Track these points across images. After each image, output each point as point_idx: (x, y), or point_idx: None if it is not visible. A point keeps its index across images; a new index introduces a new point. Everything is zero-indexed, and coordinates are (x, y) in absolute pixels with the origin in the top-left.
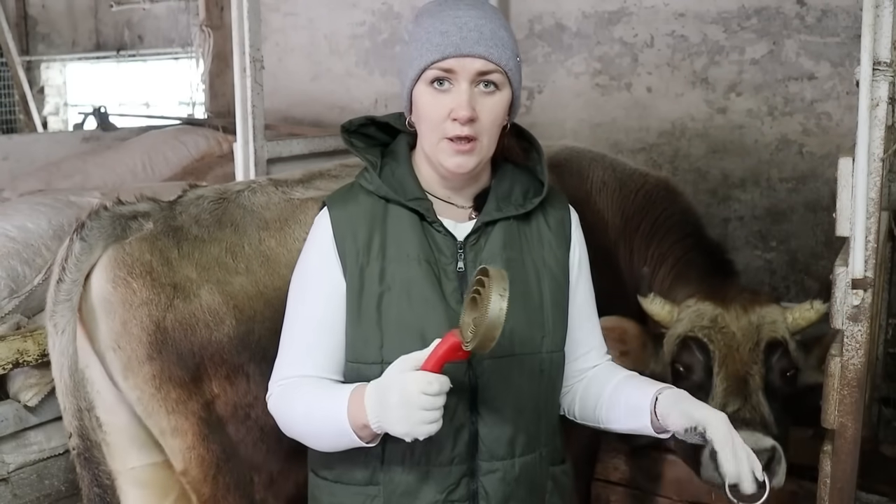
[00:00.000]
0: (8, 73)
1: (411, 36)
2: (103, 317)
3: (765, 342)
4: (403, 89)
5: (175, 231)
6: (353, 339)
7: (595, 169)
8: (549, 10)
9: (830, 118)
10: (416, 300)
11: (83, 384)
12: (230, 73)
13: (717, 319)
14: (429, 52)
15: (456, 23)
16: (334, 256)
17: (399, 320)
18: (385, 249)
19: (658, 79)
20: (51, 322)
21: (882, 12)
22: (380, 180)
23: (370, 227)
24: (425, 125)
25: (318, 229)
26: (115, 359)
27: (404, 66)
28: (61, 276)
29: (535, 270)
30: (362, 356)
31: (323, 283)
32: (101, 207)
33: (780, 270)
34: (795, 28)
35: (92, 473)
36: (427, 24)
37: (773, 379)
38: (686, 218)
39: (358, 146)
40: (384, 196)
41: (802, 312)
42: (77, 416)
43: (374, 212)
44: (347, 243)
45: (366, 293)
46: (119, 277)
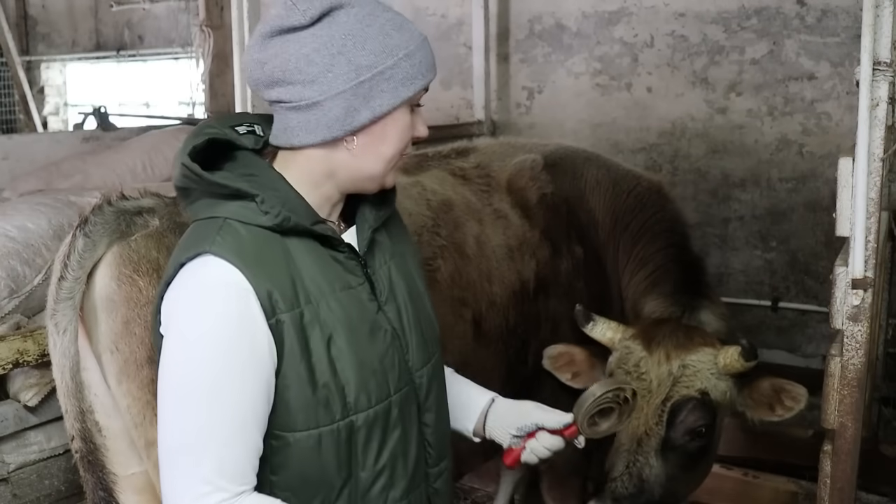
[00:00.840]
0: (8, 73)
1: (380, 45)
2: (104, 316)
3: (673, 399)
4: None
5: (181, 227)
6: (308, 406)
7: (589, 168)
8: (549, 10)
9: (830, 118)
10: (364, 334)
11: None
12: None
13: (639, 364)
14: (429, 71)
15: (426, 39)
16: (258, 319)
17: (359, 363)
18: (307, 290)
19: (658, 79)
20: (52, 321)
21: (882, 12)
22: (284, 209)
23: (284, 269)
24: (392, 148)
25: (223, 288)
26: (111, 361)
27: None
28: (63, 273)
29: (408, 270)
30: (323, 420)
31: (249, 355)
32: (105, 202)
33: (780, 270)
34: (795, 28)
35: (96, 477)
36: (405, 37)
37: (675, 437)
38: (674, 227)
39: (214, 179)
40: (285, 228)
41: (731, 362)
42: (79, 419)
43: (275, 249)
44: (275, 297)
45: (312, 348)
46: (124, 275)
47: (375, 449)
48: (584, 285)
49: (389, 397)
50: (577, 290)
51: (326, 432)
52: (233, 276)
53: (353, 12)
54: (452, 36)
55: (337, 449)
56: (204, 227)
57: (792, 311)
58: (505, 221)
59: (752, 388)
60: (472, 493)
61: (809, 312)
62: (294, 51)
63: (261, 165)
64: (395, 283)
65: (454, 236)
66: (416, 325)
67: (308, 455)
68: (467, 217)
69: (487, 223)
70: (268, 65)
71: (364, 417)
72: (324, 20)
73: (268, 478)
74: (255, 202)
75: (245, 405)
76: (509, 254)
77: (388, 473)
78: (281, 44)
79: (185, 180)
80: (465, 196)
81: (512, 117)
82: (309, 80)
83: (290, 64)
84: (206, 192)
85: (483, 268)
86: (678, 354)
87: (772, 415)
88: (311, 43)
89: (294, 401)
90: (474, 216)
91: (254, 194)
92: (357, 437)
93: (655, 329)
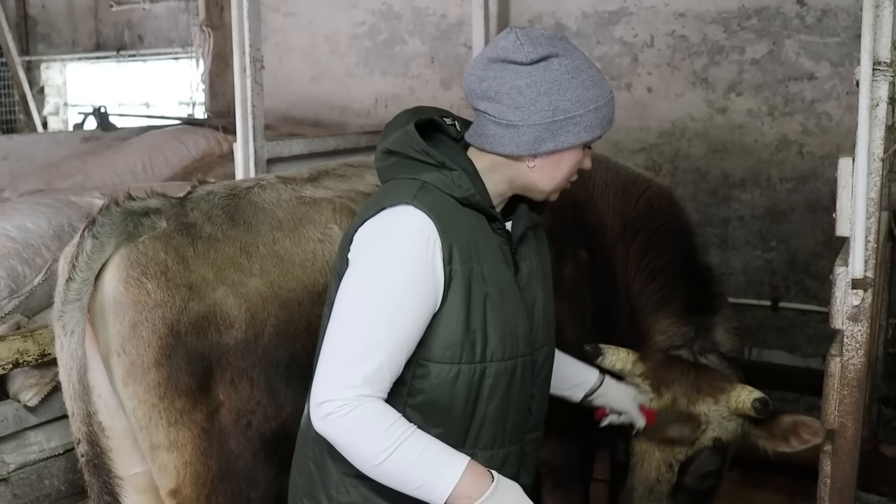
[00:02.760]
0: (8, 73)
1: (580, 96)
2: (112, 319)
3: (686, 450)
4: (555, 141)
5: (188, 228)
6: (457, 343)
7: (598, 171)
8: (549, 10)
9: (830, 118)
10: (511, 302)
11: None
12: (230, 73)
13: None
14: (607, 124)
15: (613, 95)
16: (438, 263)
17: (502, 321)
18: (479, 252)
19: (658, 79)
20: (59, 323)
21: (882, 12)
22: (472, 187)
23: (465, 230)
24: (562, 175)
25: (417, 233)
26: (117, 364)
27: (570, 125)
28: (71, 274)
29: (545, 271)
30: (465, 358)
31: (422, 290)
32: (112, 203)
33: (780, 270)
34: (795, 28)
35: (102, 481)
36: (598, 92)
37: (688, 482)
38: (685, 238)
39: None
40: (469, 202)
41: (743, 408)
42: (86, 422)
43: (457, 215)
44: (454, 250)
45: (473, 297)
46: (132, 278)
47: (498, 397)
48: (589, 289)
49: (517, 357)
50: (582, 294)
51: (465, 369)
52: (427, 225)
53: (565, 63)
54: (452, 36)
55: (469, 386)
56: (405, 184)
57: (792, 311)
58: None
59: (772, 423)
60: None
61: (809, 312)
62: (510, 80)
63: (459, 151)
64: (534, 275)
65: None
66: (543, 312)
67: (445, 385)
68: None
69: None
70: (485, 83)
71: (496, 367)
72: (541, 63)
73: (404, 398)
74: (452, 174)
75: (407, 329)
76: None
77: (500, 423)
78: (501, 70)
79: (404, 145)
80: None
81: None
82: (515, 107)
83: (503, 88)
84: (412, 158)
85: None
86: (688, 401)
87: (787, 447)
88: (525, 78)
89: (447, 337)
90: None
91: (453, 168)
92: (486, 381)
93: (663, 371)
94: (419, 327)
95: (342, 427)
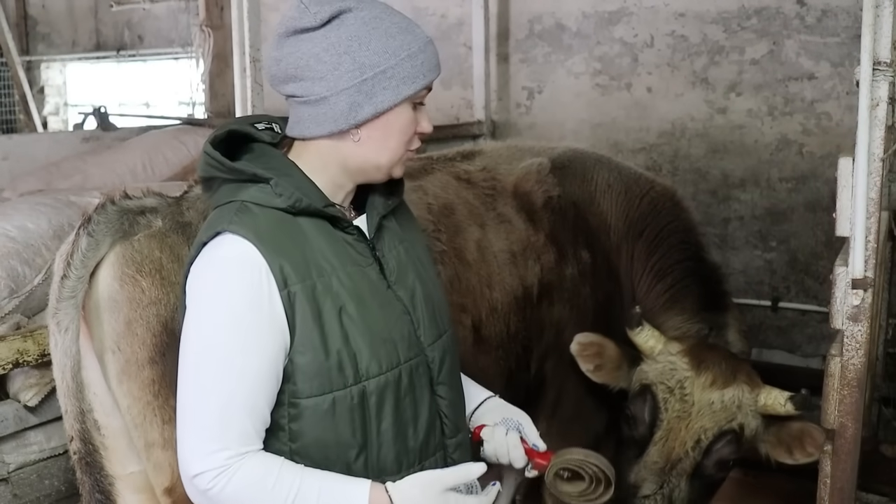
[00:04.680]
0: (8, 73)
1: (385, 46)
2: (107, 316)
3: (713, 431)
4: (373, 103)
5: (184, 227)
6: (321, 370)
7: (600, 171)
8: (549, 10)
9: (830, 118)
10: (377, 306)
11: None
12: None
13: (683, 384)
14: (430, 72)
15: (432, 42)
16: (272, 290)
17: (369, 331)
18: (319, 264)
19: (658, 79)
20: (53, 320)
21: (882, 12)
22: (297, 191)
23: (297, 245)
24: (395, 141)
25: (237, 265)
26: (112, 361)
27: (385, 80)
28: (66, 272)
29: (418, 256)
30: (336, 384)
31: (260, 326)
32: (108, 201)
33: (780, 270)
34: (795, 28)
35: (93, 479)
36: (408, 38)
37: (707, 465)
38: (690, 238)
39: (233, 165)
40: (297, 209)
41: (773, 404)
42: (79, 420)
43: (287, 229)
44: (287, 270)
45: (325, 317)
46: (127, 275)
47: (389, 414)
48: (590, 290)
49: (399, 365)
50: (583, 296)
51: (340, 396)
52: (248, 250)
53: (360, 15)
54: (452, 36)
55: (351, 413)
56: (223, 210)
57: (792, 311)
58: (508, 226)
59: (781, 427)
60: None
61: (809, 312)
62: (306, 50)
63: (275, 155)
64: (405, 265)
65: (455, 241)
66: (425, 303)
67: (324, 419)
68: (469, 222)
69: (490, 228)
70: (283, 62)
71: (375, 383)
72: (333, 22)
73: (287, 446)
74: (269, 186)
75: (256, 372)
76: (512, 259)
77: (401, 440)
78: (294, 43)
79: (209, 168)
80: (468, 200)
81: (512, 117)
82: (318, 77)
83: (301, 62)
84: (228, 179)
85: (483, 273)
86: (725, 385)
87: (789, 458)
88: (320, 43)
89: (308, 367)
90: (476, 221)
91: (268, 178)
92: (369, 402)
93: (704, 353)
94: (273, 365)
95: (225, 498)
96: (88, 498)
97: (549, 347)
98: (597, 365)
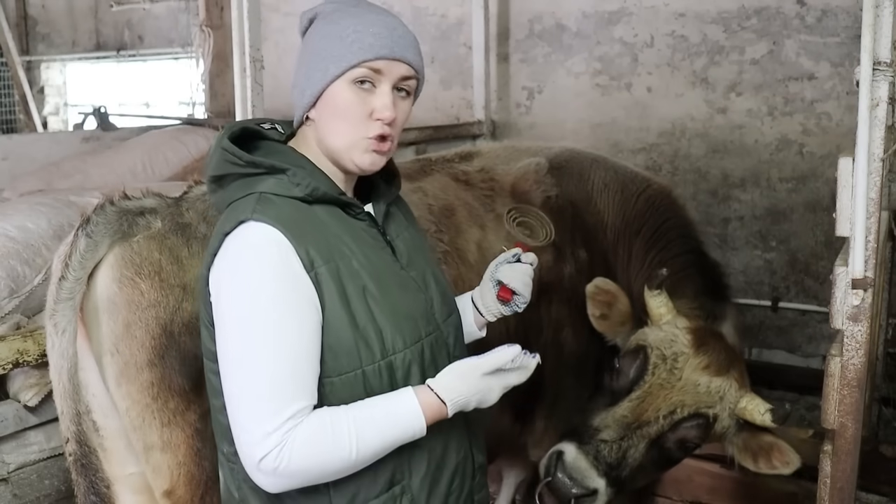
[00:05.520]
0: (8, 73)
1: (326, 33)
2: (105, 318)
3: (689, 408)
4: (310, 85)
5: (183, 228)
6: (350, 348)
7: (596, 170)
8: (549, 10)
9: (830, 118)
10: (395, 285)
11: (81, 387)
12: (230, 73)
13: (677, 357)
14: (360, 51)
15: (386, 25)
16: (300, 272)
17: (391, 309)
18: (339, 248)
19: (658, 79)
20: (51, 321)
21: (882, 12)
22: (313, 181)
23: (316, 231)
24: (343, 123)
25: (267, 248)
26: (111, 363)
27: (318, 62)
28: (64, 273)
29: (423, 243)
30: (365, 360)
31: (298, 304)
32: (107, 202)
33: (780, 270)
34: (795, 28)
35: (89, 480)
36: (350, 22)
37: (669, 438)
38: (688, 233)
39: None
40: (314, 197)
41: (753, 410)
42: (75, 421)
43: (306, 216)
44: (312, 253)
45: (350, 295)
46: (126, 277)
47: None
48: None
49: (421, 339)
50: (581, 294)
51: (370, 371)
52: (274, 235)
53: (324, 14)
54: (452, 36)
55: (381, 386)
56: (243, 202)
57: (792, 311)
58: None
59: (753, 437)
60: None
61: (809, 312)
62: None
63: (285, 150)
64: (413, 249)
65: (456, 242)
66: (436, 283)
67: (356, 395)
68: (469, 223)
69: (490, 228)
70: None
71: (402, 357)
72: (310, 28)
73: None
74: (286, 176)
75: (301, 348)
76: None
77: None
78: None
79: (225, 164)
80: (468, 201)
81: (512, 117)
82: (295, 72)
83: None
84: (241, 174)
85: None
86: (717, 372)
87: (752, 465)
88: (301, 49)
89: (338, 344)
90: (476, 221)
91: (285, 168)
92: (397, 375)
93: (708, 337)
94: (314, 336)
95: (296, 467)
96: (83, 500)
97: (548, 346)
98: (603, 313)
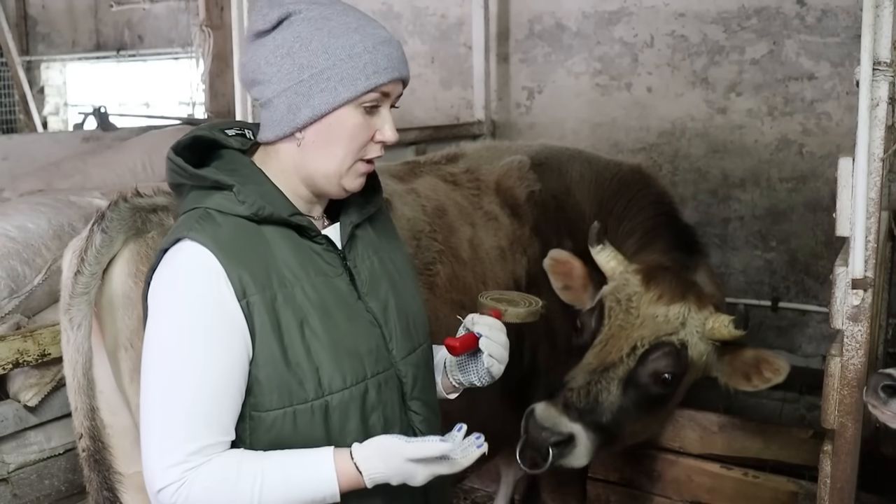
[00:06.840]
0: (8, 73)
1: (328, 46)
2: (121, 313)
3: (651, 339)
4: (309, 105)
5: None
6: (281, 384)
7: (573, 164)
8: (549, 10)
9: (830, 118)
10: (340, 318)
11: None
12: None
13: (631, 298)
14: (376, 75)
15: (391, 42)
16: (230, 300)
17: (333, 344)
18: (281, 275)
19: (658, 79)
20: (66, 316)
21: (882, 12)
22: (260, 199)
23: (258, 254)
24: (341, 148)
25: (196, 274)
26: (125, 358)
27: (322, 81)
28: (80, 268)
29: (395, 266)
30: (297, 398)
31: (220, 333)
32: (121, 199)
33: (780, 270)
34: (795, 28)
35: (102, 476)
36: (356, 39)
37: (641, 374)
38: (660, 199)
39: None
40: (261, 217)
41: (719, 327)
42: (89, 417)
43: (251, 237)
44: (245, 279)
45: (284, 328)
46: (142, 272)
47: (354, 430)
48: None
49: (366, 379)
50: None
51: (301, 410)
52: (205, 258)
53: (307, 16)
54: (452, 36)
55: (312, 428)
56: (187, 217)
57: (792, 311)
58: (496, 223)
59: (735, 356)
60: (472, 493)
61: (809, 312)
62: (260, 54)
63: (243, 161)
64: (379, 276)
65: (450, 241)
66: (399, 316)
67: (284, 434)
68: (461, 221)
69: (479, 226)
70: (246, 66)
71: (339, 398)
72: (283, 23)
73: None
74: (232, 193)
75: (220, 382)
76: (501, 254)
77: None
78: (254, 47)
79: (173, 175)
80: (457, 201)
81: (512, 117)
82: (266, 80)
83: (256, 65)
84: (194, 186)
85: (478, 270)
86: (672, 300)
87: (747, 385)
88: (270, 45)
89: (268, 380)
90: (467, 220)
91: (230, 185)
92: (332, 416)
93: (657, 271)
94: (237, 369)
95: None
96: (96, 496)
97: (540, 337)
98: (566, 284)
